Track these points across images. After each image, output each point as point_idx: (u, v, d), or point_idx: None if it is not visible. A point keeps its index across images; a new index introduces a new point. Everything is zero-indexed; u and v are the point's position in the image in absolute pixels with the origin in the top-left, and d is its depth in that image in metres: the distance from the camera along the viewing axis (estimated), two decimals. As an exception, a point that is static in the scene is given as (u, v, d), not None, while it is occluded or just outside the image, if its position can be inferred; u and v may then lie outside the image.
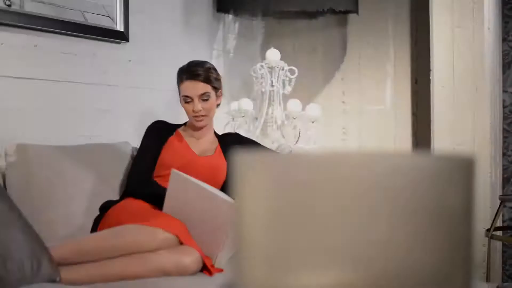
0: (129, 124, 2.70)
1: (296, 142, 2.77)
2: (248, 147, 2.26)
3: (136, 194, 2.06)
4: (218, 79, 2.21)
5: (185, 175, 1.83)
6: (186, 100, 2.16)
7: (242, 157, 0.70)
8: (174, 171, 1.84)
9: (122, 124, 2.66)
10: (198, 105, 2.13)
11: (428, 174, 0.60)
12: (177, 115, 2.98)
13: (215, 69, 2.22)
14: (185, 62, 3.03)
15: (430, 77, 2.90)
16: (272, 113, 2.90)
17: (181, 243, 1.74)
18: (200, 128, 2.22)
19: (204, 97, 2.14)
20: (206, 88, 2.15)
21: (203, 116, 2.16)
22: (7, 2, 2.17)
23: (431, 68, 2.91)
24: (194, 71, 2.15)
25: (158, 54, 2.86)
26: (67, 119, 2.40)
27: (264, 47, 3.64)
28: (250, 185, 0.69)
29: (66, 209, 1.98)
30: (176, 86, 2.27)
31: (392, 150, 3.24)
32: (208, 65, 2.20)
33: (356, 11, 3.14)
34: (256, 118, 2.99)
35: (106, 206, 2.06)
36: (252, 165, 0.70)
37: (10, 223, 1.54)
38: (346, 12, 3.14)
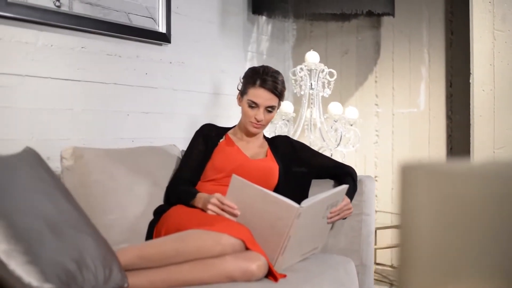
0: (169, 126, 2.68)
1: (338, 145, 2.74)
2: (299, 151, 2.24)
3: (175, 203, 2.04)
4: (284, 93, 2.19)
5: (246, 180, 1.81)
6: (251, 105, 2.11)
7: (409, 168, 0.69)
8: (235, 176, 1.82)
9: (162, 126, 2.64)
10: (262, 115, 2.11)
11: None
12: (214, 118, 2.96)
13: (284, 82, 2.18)
14: (221, 65, 3.02)
15: (470, 80, 2.89)
16: (311, 116, 2.87)
17: (247, 248, 1.71)
18: (253, 134, 2.20)
19: (269, 109, 2.12)
20: (275, 101, 2.13)
21: (262, 125, 2.14)
22: (57, 3, 2.15)
23: (471, 71, 2.89)
24: (271, 82, 2.09)
25: (196, 56, 2.84)
26: (111, 121, 2.38)
27: (295, 49, 3.62)
28: (418, 196, 0.68)
29: (121, 214, 1.95)
30: (240, 85, 2.22)
31: None
32: (282, 78, 2.15)
33: (393, 14, 3.12)
34: (288, 121, 2.97)
35: (160, 211, 2.04)
36: (422, 175, 0.68)
37: (82, 229, 1.52)
38: (384, 15, 3.13)
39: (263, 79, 2.09)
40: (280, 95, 2.13)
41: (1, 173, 1.45)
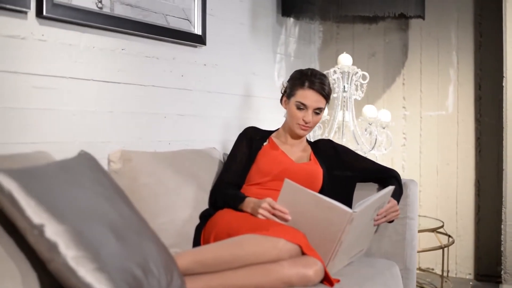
0: (203, 128, 2.66)
1: (372, 148, 2.73)
2: (342, 155, 2.22)
3: (221, 207, 2.02)
4: (331, 95, 2.18)
5: (298, 185, 1.79)
6: (299, 106, 2.11)
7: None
8: (287, 181, 1.80)
9: (196, 129, 2.62)
10: (310, 116, 2.10)
11: None
12: (247, 120, 2.95)
13: (330, 85, 2.18)
14: (252, 67, 3.01)
15: (503, 83, 2.87)
16: (343, 118, 2.86)
17: (303, 253, 1.70)
18: (299, 137, 2.18)
19: (317, 111, 2.12)
20: (323, 103, 2.13)
21: (309, 127, 2.13)
22: (99, 5, 2.13)
23: (504, 74, 2.88)
24: (319, 83, 2.09)
25: (229, 58, 2.83)
26: (149, 123, 2.36)
27: (322, 51, 3.61)
28: None
29: (170, 217, 1.93)
30: (286, 87, 2.21)
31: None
32: (328, 80, 2.17)
33: (423, 17, 3.11)
34: (321, 123, 2.96)
35: (206, 215, 2.02)
36: None
37: (143, 233, 1.50)
38: (415, 17, 3.11)
39: (311, 80, 2.09)
40: (327, 97, 2.12)
41: (64, 178, 1.43)
